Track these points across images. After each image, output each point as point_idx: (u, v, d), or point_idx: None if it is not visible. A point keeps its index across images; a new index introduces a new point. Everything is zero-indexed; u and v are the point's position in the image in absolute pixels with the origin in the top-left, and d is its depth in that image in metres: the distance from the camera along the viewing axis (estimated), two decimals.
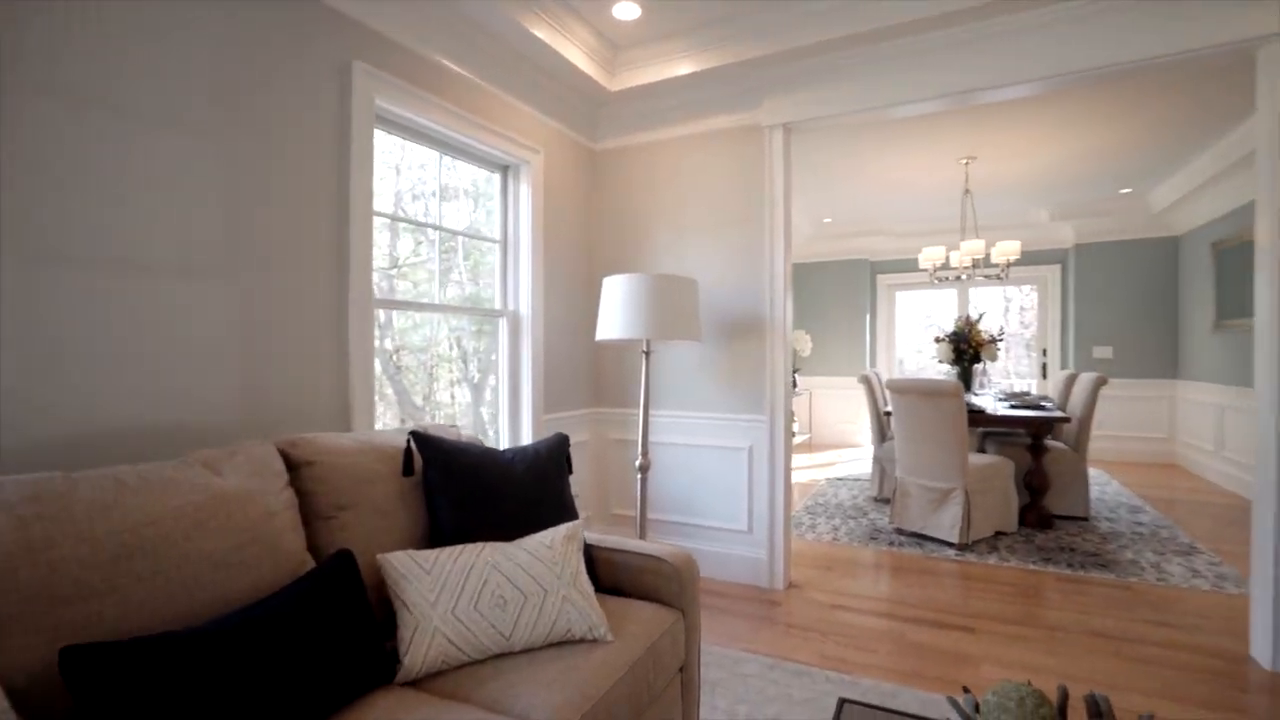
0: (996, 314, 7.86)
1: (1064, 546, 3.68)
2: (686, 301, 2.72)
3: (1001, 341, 4.85)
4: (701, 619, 2.56)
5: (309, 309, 2.01)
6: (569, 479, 1.93)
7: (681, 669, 1.72)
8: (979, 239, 4.97)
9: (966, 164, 5.06)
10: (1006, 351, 7.55)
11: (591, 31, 2.98)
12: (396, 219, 2.62)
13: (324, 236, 2.06)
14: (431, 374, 2.84)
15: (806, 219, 7.05)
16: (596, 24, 2.94)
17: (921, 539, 3.85)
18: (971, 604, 2.88)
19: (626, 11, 2.81)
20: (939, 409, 3.72)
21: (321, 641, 1.17)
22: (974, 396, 4.85)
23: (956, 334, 4.85)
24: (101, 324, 1.51)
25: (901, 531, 3.99)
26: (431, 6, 2.40)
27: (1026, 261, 7.10)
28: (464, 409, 3.00)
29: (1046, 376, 7.30)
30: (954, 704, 1.06)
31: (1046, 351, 7.30)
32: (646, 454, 2.84)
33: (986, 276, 5.39)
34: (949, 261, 5.59)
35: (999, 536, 3.88)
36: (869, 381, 4.95)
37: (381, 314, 2.52)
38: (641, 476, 2.83)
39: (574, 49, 2.94)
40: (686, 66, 3.04)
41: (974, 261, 5.11)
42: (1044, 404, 4.65)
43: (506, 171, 3.08)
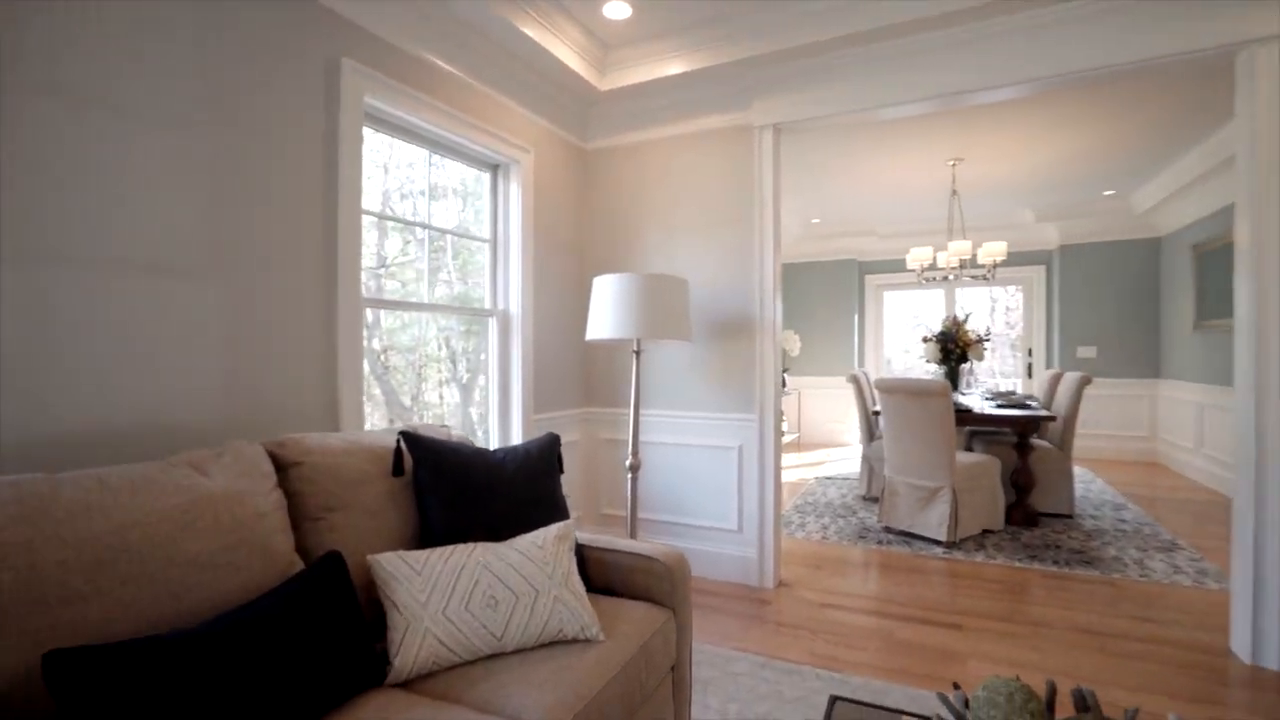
0: (983, 314, 7.94)
1: (1049, 544, 3.72)
2: (677, 301, 2.73)
3: (988, 341, 4.90)
4: (693, 618, 2.56)
5: (297, 308, 1.99)
6: (560, 479, 1.93)
7: (673, 668, 1.72)
8: (966, 240, 5.02)
9: (954, 165, 5.11)
10: (993, 351, 7.63)
11: (582, 31, 2.98)
12: (385, 217, 2.60)
13: (313, 235, 2.04)
14: (420, 374, 2.83)
15: (795, 219, 7.08)
16: (587, 23, 2.94)
17: (910, 537, 3.88)
18: (959, 601, 2.91)
19: (617, 11, 2.80)
20: (927, 408, 3.75)
21: (311, 644, 1.15)
22: (961, 396, 4.90)
23: (944, 334, 4.89)
24: (84, 324, 1.49)
25: (890, 530, 4.02)
26: (421, 5, 2.39)
27: (1012, 262, 7.18)
28: (452, 409, 2.98)
29: (1032, 376, 7.39)
30: (944, 700, 1.07)
31: (1032, 351, 7.39)
32: (637, 454, 2.84)
33: (973, 277, 5.45)
34: (936, 262, 5.64)
35: (986, 534, 3.92)
36: (857, 381, 4.98)
37: (369, 313, 2.50)
38: (632, 476, 2.83)
39: (564, 48, 2.93)
40: (677, 66, 3.04)
41: (961, 262, 5.16)
42: (1030, 403, 4.70)
43: (496, 170, 3.07)
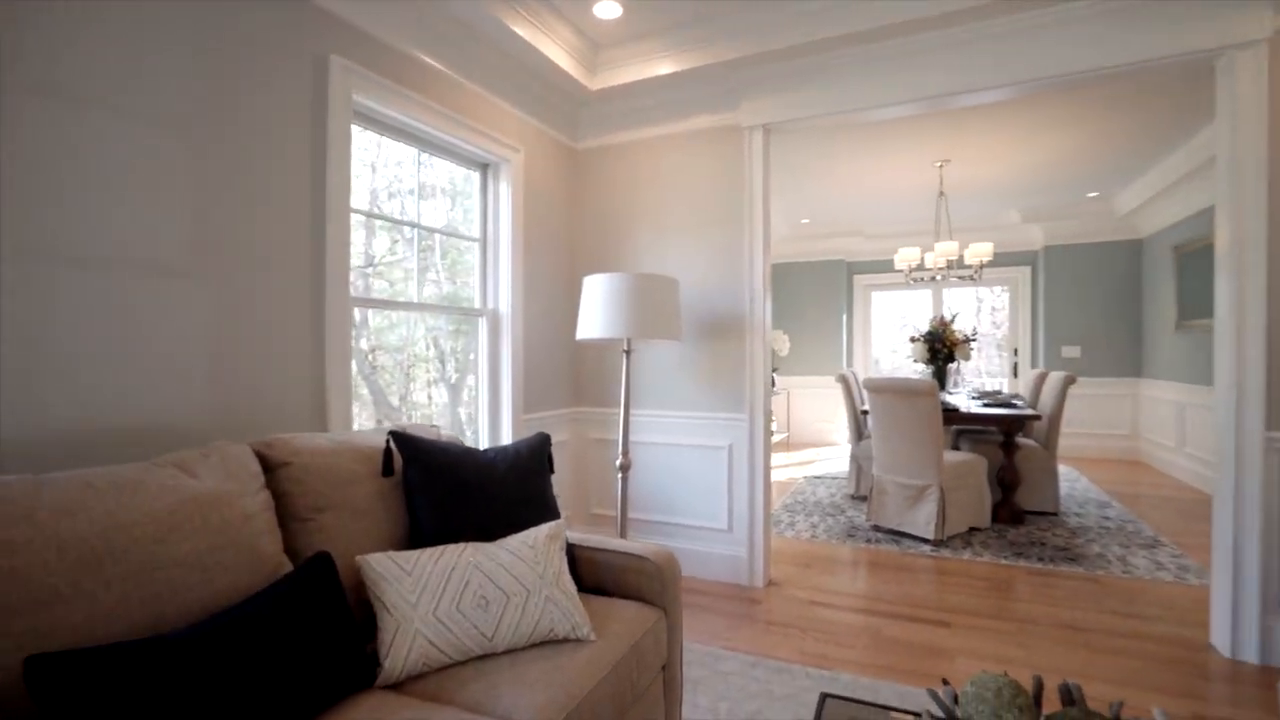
0: (969, 314, 8.02)
1: (1035, 541, 3.77)
2: (667, 301, 2.73)
3: (974, 341, 4.95)
4: (683, 617, 2.57)
5: (285, 307, 1.97)
6: (550, 479, 1.93)
7: (664, 667, 1.72)
8: (953, 241, 5.07)
9: (941, 167, 5.15)
10: (979, 351, 7.71)
11: (573, 30, 2.97)
12: (374, 216, 2.58)
13: (301, 234, 2.03)
14: (408, 374, 2.81)
15: (784, 220, 7.12)
16: (578, 23, 2.94)
17: (898, 535, 3.91)
18: (947, 599, 2.94)
19: (608, 11, 2.80)
20: (915, 407, 3.78)
21: (300, 645, 1.14)
22: (948, 395, 4.95)
23: (931, 334, 4.93)
24: (68, 324, 1.46)
25: (878, 528, 4.05)
26: (411, 2, 2.37)
27: (998, 263, 7.26)
28: (441, 409, 2.97)
29: (1017, 375, 7.47)
30: (934, 696, 1.08)
31: (1017, 351, 7.47)
32: (627, 453, 2.84)
33: (960, 277, 5.51)
34: (924, 262, 5.69)
35: (973, 532, 3.96)
36: (846, 381, 5.01)
37: (356, 313, 2.48)
38: (622, 476, 2.83)
39: (555, 47, 2.93)
40: (667, 66, 3.05)
41: (948, 263, 5.21)
42: (1015, 402, 4.75)
43: (486, 169, 3.06)
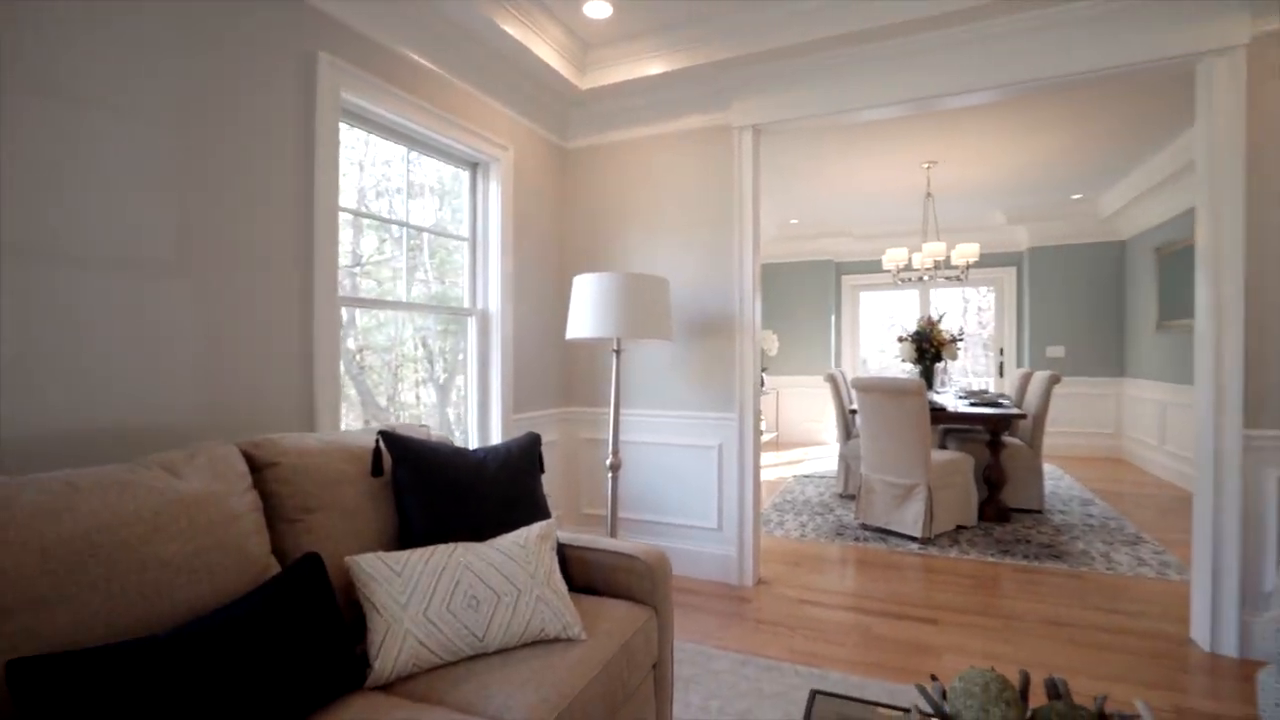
0: (956, 314, 8.10)
1: (1020, 539, 3.81)
2: (658, 300, 2.73)
3: (961, 341, 5.00)
4: (674, 616, 2.57)
5: (273, 306, 1.96)
6: (541, 478, 1.92)
7: (655, 666, 1.73)
8: (940, 241, 5.12)
9: (928, 168, 5.20)
10: (965, 351, 7.78)
11: (563, 29, 2.97)
12: (362, 215, 2.56)
13: (289, 232, 2.01)
14: (396, 374, 2.79)
15: (773, 220, 7.15)
16: (568, 22, 2.93)
17: (886, 534, 3.94)
18: (934, 596, 2.97)
19: (598, 10, 2.80)
20: (903, 407, 3.82)
21: (288, 647, 1.14)
22: (935, 394, 4.99)
23: (919, 334, 4.98)
24: (52, 323, 1.44)
25: (866, 527, 4.08)
26: (400, 0, 2.36)
27: (984, 264, 7.34)
28: (429, 410, 2.95)
29: (1003, 375, 7.56)
30: (923, 691, 1.09)
31: (1003, 350, 7.56)
32: (617, 453, 2.84)
33: (947, 278, 5.56)
34: (911, 263, 5.74)
35: (960, 530, 4.00)
36: (834, 380, 5.05)
37: (344, 313, 2.46)
38: (612, 475, 2.83)
39: (545, 46, 2.92)
40: (657, 66, 3.05)
41: (935, 263, 5.26)
42: (1001, 401, 4.81)
43: (476, 168, 3.05)
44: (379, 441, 1.67)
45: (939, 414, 4.19)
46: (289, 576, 1.24)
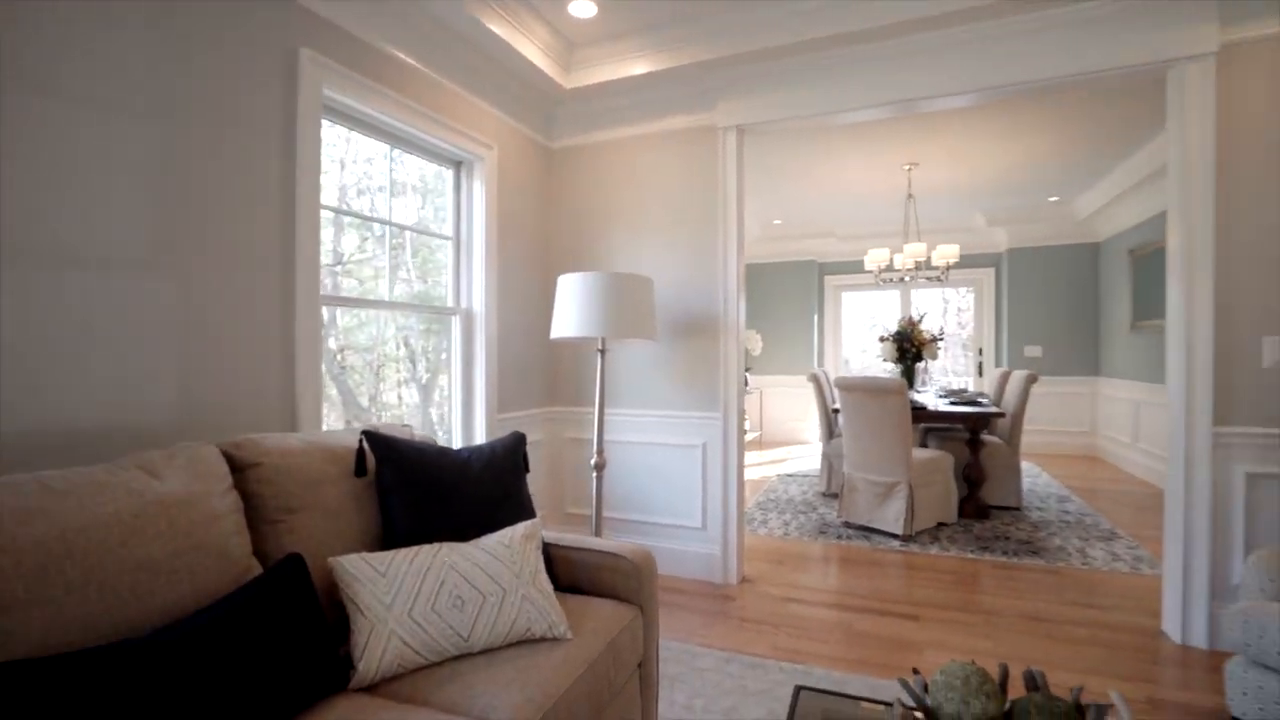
0: (936, 315, 8.20)
1: (999, 535, 3.88)
2: (642, 300, 2.74)
3: (941, 341, 5.07)
4: (659, 615, 2.58)
5: (254, 305, 1.93)
6: (526, 478, 1.92)
7: (640, 664, 1.73)
8: (921, 242, 5.19)
9: (909, 170, 5.26)
10: (946, 351, 7.89)
11: (548, 28, 2.96)
12: (345, 213, 2.54)
13: (270, 230, 1.98)
14: (378, 374, 2.77)
15: (757, 220, 7.19)
16: (553, 21, 2.93)
17: (868, 531, 3.98)
18: (915, 593, 3.01)
19: (583, 9, 2.80)
20: (885, 406, 3.86)
21: (270, 649, 1.12)
22: (916, 394, 5.06)
23: (900, 334, 5.04)
24: (27, 321, 1.41)
25: (849, 525, 4.12)
26: None
27: (964, 264, 7.45)
28: (412, 410, 2.93)
29: (982, 374, 7.67)
30: (905, 685, 1.10)
31: (982, 350, 7.67)
32: (602, 452, 2.84)
33: (927, 278, 5.63)
34: (893, 263, 5.81)
35: (940, 527, 4.05)
36: (817, 380, 5.09)
37: (325, 312, 2.43)
38: (597, 475, 2.83)
39: (530, 45, 2.91)
40: (642, 66, 3.06)
41: (916, 264, 5.33)
42: (981, 400, 4.88)
43: (460, 167, 3.03)
44: (362, 441, 1.65)
45: (920, 413, 4.24)
46: (271, 578, 1.23)
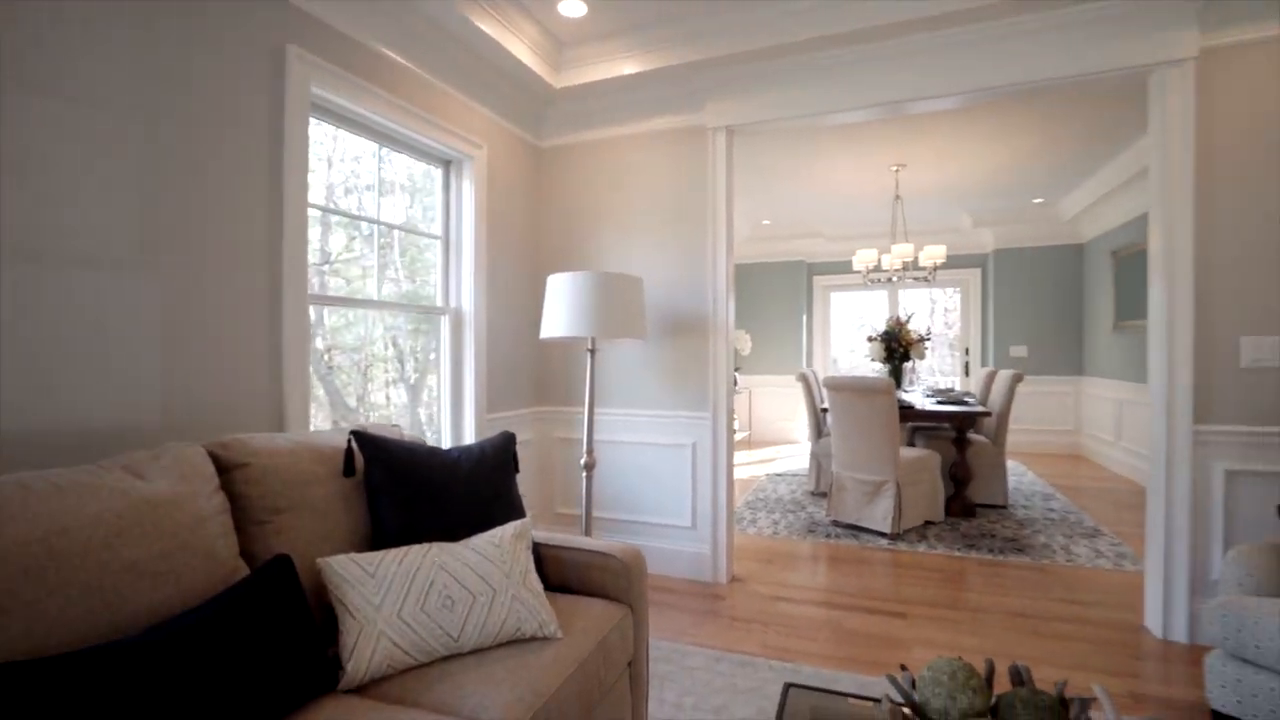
0: (924, 315, 8.28)
1: (985, 533, 3.92)
2: (632, 300, 2.74)
3: (929, 341, 5.11)
4: (649, 614, 2.59)
5: (241, 304, 1.91)
6: (515, 477, 1.92)
7: (630, 663, 1.73)
8: (908, 243, 5.24)
9: (897, 171, 5.31)
10: (933, 350, 7.96)
11: (538, 28, 2.96)
12: (332, 212, 2.52)
13: (257, 228, 1.96)
14: (366, 374, 2.75)
15: (746, 221, 7.22)
16: (543, 20, 2.92)
17: (856, 530, 4.01)
18: (903, 590, 3.03)
19: (573, 9, 2.80)
20: (873, 405, 3.89)
21: (258, 651, 1.12)
22: (904, 393, 5.10)
23: (888, 333, 5.08)
24: (8, 322, 1.38)
25: (838, 523, 4.15)
26: None
27: (951, 265, 7.51)
28: (400, 410, 2.91)
29: (969, 374, 7.75)
30: (893, 681, 1.12)
31: (969, 350, 7.75)
32: (591, 452, 2.84)
33: (915, 279, 5.69)
34: (881, 264, 5.85)
35: (927, 525, 4.09)
36: (806, 380, 5.12)
37: (312, 311, 2.42)
38: (587, 475, 2.83)
39: (520, 44, 2.91)
40: (631, 66, 3.06)
41: (904, 264, 5.37)
42: (967, 400, 4.93)
43: (449, 166, 3.02)
44: (351, 441, 1.64)
45: (907, 412, 4.28)
46: (258, 579, 1.22)
